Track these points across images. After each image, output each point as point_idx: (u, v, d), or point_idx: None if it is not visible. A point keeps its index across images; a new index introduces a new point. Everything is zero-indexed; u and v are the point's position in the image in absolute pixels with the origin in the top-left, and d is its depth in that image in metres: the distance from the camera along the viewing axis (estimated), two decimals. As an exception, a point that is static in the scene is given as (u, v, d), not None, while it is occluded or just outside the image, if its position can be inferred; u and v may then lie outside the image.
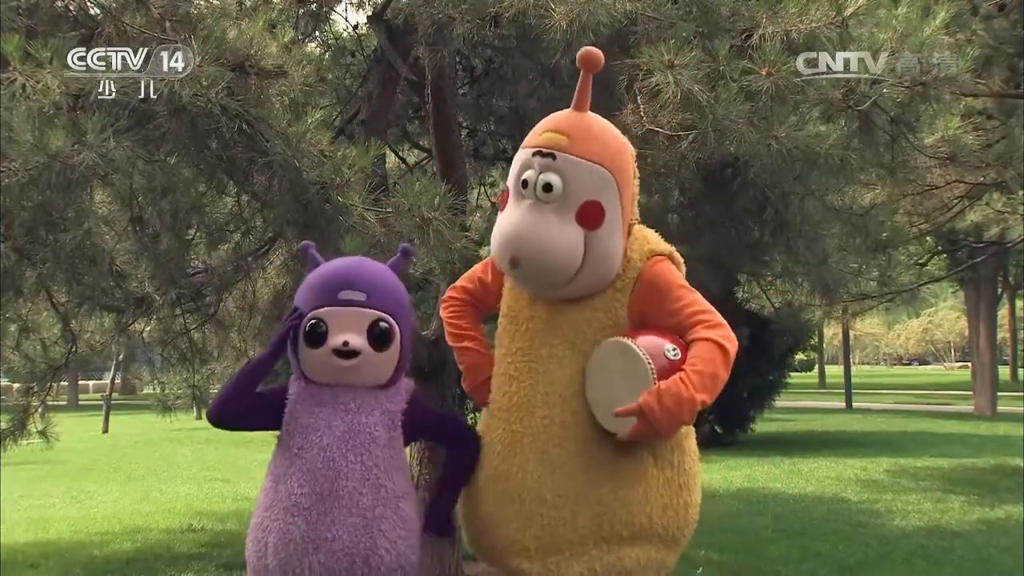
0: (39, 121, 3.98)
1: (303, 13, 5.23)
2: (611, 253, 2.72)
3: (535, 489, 2.74)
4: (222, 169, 4.96)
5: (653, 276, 2.75)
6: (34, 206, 4.84)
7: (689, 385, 2.53)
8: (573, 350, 2.77)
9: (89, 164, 4.06)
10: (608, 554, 2.71)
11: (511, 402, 2.85)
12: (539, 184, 2.70)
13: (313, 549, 2.71)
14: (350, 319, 2.76)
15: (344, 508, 2.71)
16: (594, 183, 2.70)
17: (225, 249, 6.54)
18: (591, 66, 2.76)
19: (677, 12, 4.38)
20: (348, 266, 2.92)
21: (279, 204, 4.87)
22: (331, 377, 2.80)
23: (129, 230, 6.00)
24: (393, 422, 2.83)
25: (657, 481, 2.74)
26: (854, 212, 6.33)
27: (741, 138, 4.33)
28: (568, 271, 2.68)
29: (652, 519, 2.72)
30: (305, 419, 2.82)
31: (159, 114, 4.20)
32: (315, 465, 2.75)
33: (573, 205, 2.67)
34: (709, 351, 2.60)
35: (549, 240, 2.66)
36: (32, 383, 6.56)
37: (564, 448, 2.73)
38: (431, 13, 4.58)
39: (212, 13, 4.38)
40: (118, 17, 4.27)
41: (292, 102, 4.53)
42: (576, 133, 2.74)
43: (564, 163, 2.69)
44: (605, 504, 2.70)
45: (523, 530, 2.75)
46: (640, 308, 2.75)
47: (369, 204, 4.50)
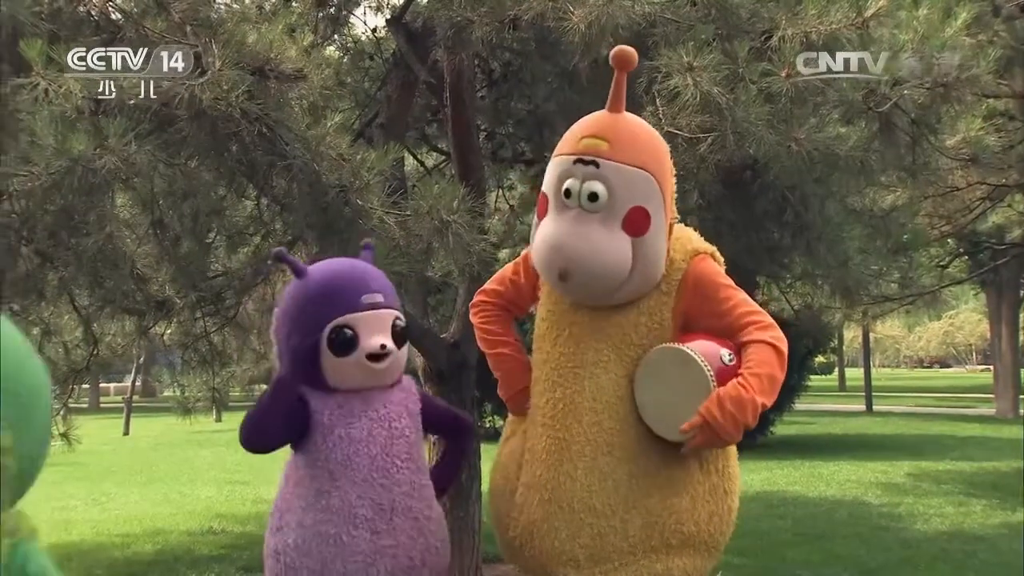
0: (61, 125, 4.01)
1: (322, 17, 5.26)
2: (657, 257, 2.68)
3: (584, 498, 2.70)
4: (242, 173, 4.98)
5: (698, 276, 2.72)
6: (56, 210, 4.87)
7: (749, 388, 2.50)
8: (619, 355, 2.73)
9: (111, 168, 4.09)
10: (657, 563, 2.68)
11: (556, 409, 2.79)
12: (584, 194, 2.62)
13: (380, 557, 2.73)
14: (377, 322, 2.76)
15: (401, 515, 2.74)
16: (639, 188, 2.64)
17: (245, 252, 6.57)
18: (625, 64, 2.71)
19: (696, 14, 4.37)
20: (354, 269, 2.91)
21: (298, 207, 4.89)
22: (361, 382, 2.78)
23: (150, 234, 6.03)
24: (416, 422, 2.86)
25: (704, 487, 2.72)
26: (875, 214, 6.31)
27: (761, 140, 4.31)
28: (617, 281, 2.64)
29: (699, 526, 2.70)
30: (343, 430, 2.79)
31: (180, 118, 4.22)
32: (370, 476, 2.75)
33: (619, 213, 2.61)
34: (765, 353, 2.57)
35: (598, 252, 2.61)
36: (54, 386, 6.60)
37: (612, 456, 2.70)
38: (450, 16, 4.58)
39: (232, 17, 4.41)
40: (139, 22, 4.29)
41: (311, 105, 4.54)
42: (617, 137, 2.67)
43: (608, 170, 2.62)
44: (655, 513, 2.67)
45: (572, 539, 2.71)
46: (686, 309, 2.72)
47: (388, 207, 4.51)
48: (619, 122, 2.73)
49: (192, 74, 4.13)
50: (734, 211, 5.67)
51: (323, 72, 4.55)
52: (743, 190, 4.99)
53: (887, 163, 5.17)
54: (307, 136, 4.40)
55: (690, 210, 5.89)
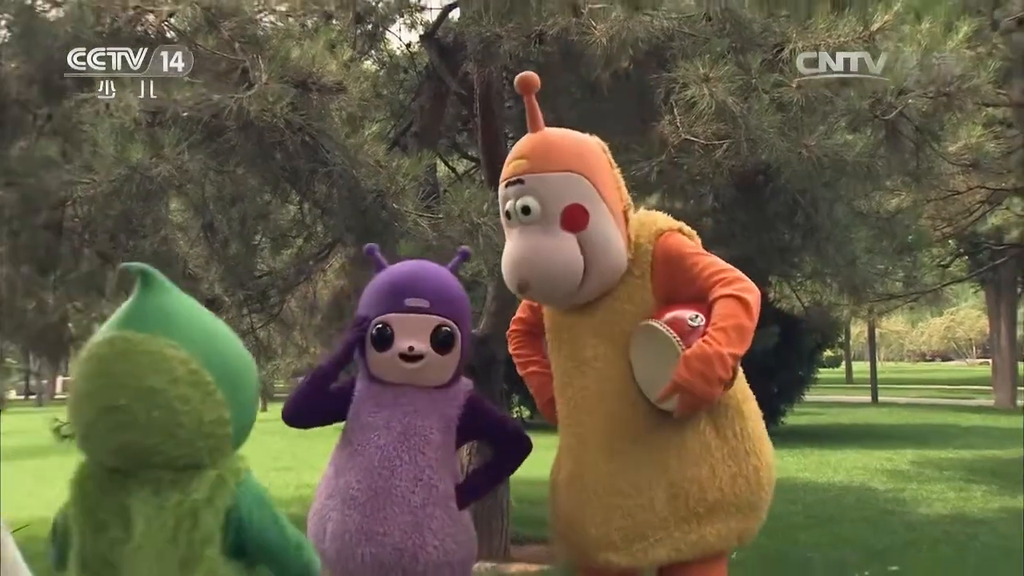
0: (121, 136, 4.06)
1: (361, 33, 5.28)
2: (610, 245, 2.66)
3: (609, 483, 2.69)
4: (286, 179, 5.01)
5: (665, 251, 2.69)
6: (116, 214, 4.92)
7: (712, 342, 2.46)
8: (614, 345, 2.72)
9: (166, 175, 4.13)
10: (690, 534, 2.65)
11: (570, 407, 2.81)
12: (518, 209, 2.67)
13: (366, 541, 2.70)
14: (415, 325, 2.74)
15: (396, 505, 2.69)
16: (566, 189, 2.64)
17: (288, 253, 6.61)
18: (528, 88, 2.74)
19: (711, 28, 4.36)
20: (413, 272, 2.87)
21: (338, 211, 4.91)
22: (397, 378, 2.79)
23: (201, 236, 6.08)
24: (448, 426, 2.78)
25: (722, 452, 2.67)
26: (881, 216, 6.27)
27: (773, 147, 4.30)
28: (573, 276, 2.64)
29: (724, 491, 2.65)
30: (366, 417, 2.81)
31: (229, 128, 4.25)
32: (372, 462, 2.74)
33: (554, 216, 2.63)
34: (728, 306, 2.52)
35: (544, 255, 2.64)
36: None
37: (628, 438, 2.68)
38: (479, 32, 4.59)
39: (277, 34, 4.43)
40: (192, 39, 4.33)
41: (350, 116, 4.57)
42: (535, 153, 2.70)
43: (532, 183, 2.65)
44: (677, 485, 2.64)
45: (606, 524, 2.69)
46: (663, 285, 2.69)
47: (422, 210, 4.53)
48: (537, 139, 2.74)
49: (240, 87, 4.16)
50: (747, 213, 5.64)
51: (361, 85, 4.57)
52: (756, 194, 4.97)
53: (892, 168, 5.14)
54: (346, 144, 4.43)
55: (705, 212, 5.88)
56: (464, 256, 3.01)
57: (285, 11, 4.62)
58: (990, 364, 30.26)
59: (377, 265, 2.96)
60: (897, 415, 21.58)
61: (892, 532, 7.63)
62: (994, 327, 26.61)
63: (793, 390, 16.88)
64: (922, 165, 5.22)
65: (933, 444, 14.65)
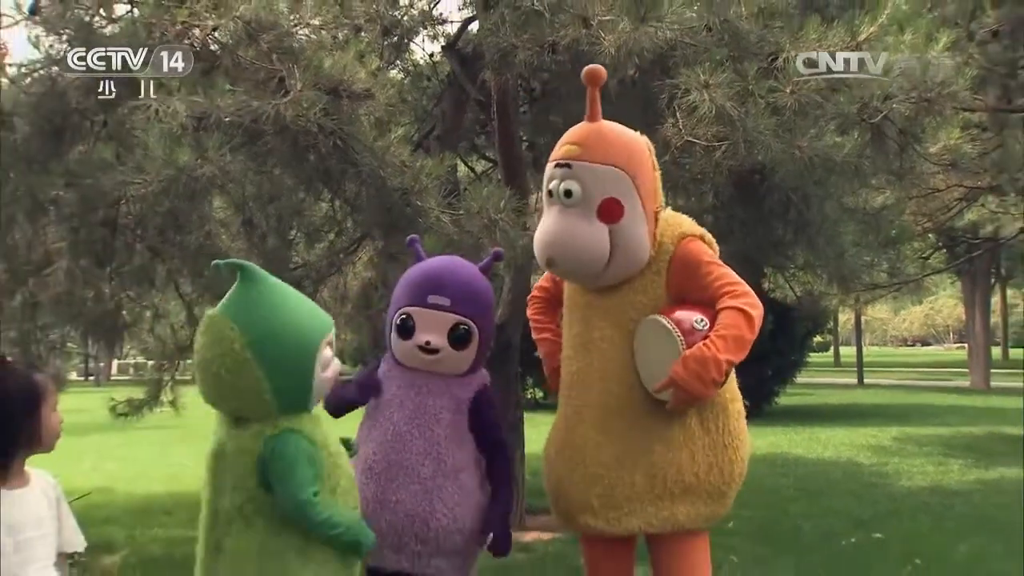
0: (169, 140, 4.06)
1: (387, 44, 5.26)
2: (637, 240, 2.65)
3: (595, 455, 2.70)
4: (319, 179, 5.00)
5: (684, 255, 2.67)
6: (164, 212, 4.92)
7: (711, 347, 2.47)
8: (621, 330, 2.71)
9: (209, 176, 4.13)
10: (662, 510, 2.66)
11: (572, 380, 2.82)
12: (560, 191, 2.66)
13: (381, 509, 2.71)
14: (435, 321, 2.72)
15: (407, 476, 2.69)
16: (609, 182, 2.63)
17: (321, 247, 6.61)
18: (595, 80, 2.72)
19: (711, 39, 4.32)
20: (440, 270, 2.82)
21: (367, 208, 4.90)
22: (418, 365, 2.78)
23: (241, 231, 6.09)
24: (459, 407, 2.75)
25: (703, 443, 2.68)
26: (867, 212, 6.22)
27: (768, 148, 4.27)
28: (598, 262, 2.64)
29: (699, 477, 2.66)
30: (386, 395, 2.82)
31: (267, 132, 4.25)
32: (386, 437, 2.75)
33: (593, 205, 2.62)
34: (732, 317, 2.53)
35: (576, 239, 2.63)
36: (163, 360, 6.69)
37: (620, 417, 2.69)
38: (497, 42, 4.57)
39: (311, 46, 4.41)
40: (234, 51, 4.32)
41: (378, 120, 4.55)
42: (587, 142, 2.68)
43: (579, 170, 2.64)
44: (657, 465, 2.65)
45: (588, 491, 2.72)
46: (677, 286, 2.68)
47: (444, 207, 4.51)
48: (593, 129, 2.72)
49: (277, 95, 4.15)
50: (744, 210, 5.61)
51: (388, 92, 4.55)
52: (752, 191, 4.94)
53: (878, 168, 5.10)
54: (374, 147, 4.41)
55: (706, 209, 5.83)
56: (497, 257, 2.92)
57: (319, 24, 4.60)
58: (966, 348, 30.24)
59: (416, 256, 2.93)
60: (881, 395, 21.51)
61: (876, 503, 7.61)
62: (969, 315, 26.57)
63: (786, 373, 16.83)
64: (905, 165, 5.18)
65: (914, 422, 14.63)
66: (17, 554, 2.08)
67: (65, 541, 2.25)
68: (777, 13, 4.47)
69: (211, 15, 4.34)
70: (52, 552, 2.20)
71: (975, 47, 8.73)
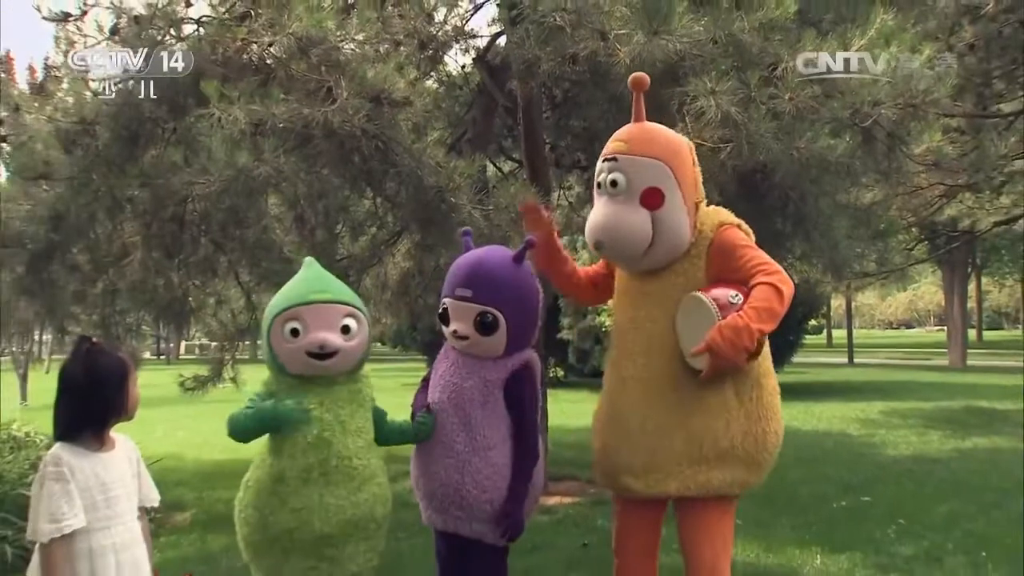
0: (230, 144, 4.07)
1: (424, 57, 5.22)
2: (677, 227, 2.64)
3: (640, 422, 2.69)
4: (362, 178, 5.01)
5: (721, 241, 2.66)
6: (226, 209, 4.95)
7: (744, 317, 2.45)
8: (664, 311, 2.69)
9: (266, 176, 4.14)
10: (699, 474, 2.63)
11: (620, 353, 2.81)
12: (607, 182, 2.68)
13: (425, 478, 2.75)
14: (462, 311, 2.70)
15: (443, 450, 2.70)
16: (651, 173, 2.63)
17: (364, 240, 6.61)
18: (640, 86, 2.75)
19: (717, 50, 4.26)
20: (467, 264, 2.77)
21: (405, 204, 4.90)
22: (458, 348, 2.78)
23: (293, 226, 6.11)
24: (489, 388, 2.70)
25: (739, 413, 2.64)
26: (858, 208, 6.13)
27: (768, 149, 4.23)
28: (641, 245, 2.63)
29: (734, 443, 2.63)
30: (435, 375, 2.84)
31: (316, 137, 4.25)
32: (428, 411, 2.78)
33: (636, 193, 2.63)
34: (764, 291, 2.50)
35: (621, 223, 2.64)
36: (225, 342, 6.73)
37: (662, 388, 2.67)
38: (522, 55, 4.54)
39: (356, 58, 4.40)
40: (287, 64, 4.32)
41: (415, 125, 4.54)
42: (632, 139, 2.70)
43: (624, 163, 2.65)
44: (695, 433, 2.62)
45: (631, 455, 2.70)
46: (715, 269, 2.66)
47: (475, 203, 4.50)
48: (639, 128, 2.74)
49: (325, 103, 4.15)
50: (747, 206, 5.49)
51: (424, 100, 4.54)
52: (754, 189, 4.86)
53: (868, 167, 5.02)
54: (412, 149, 4.41)
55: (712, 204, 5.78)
56: (530, 245, 2.79)
57: (362, 40, 4.58)
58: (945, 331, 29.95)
59: (464, 247, 2.89)
60: (869, 374, 21.36)
61: (864, 469, 7.56)
62: (948, 300, 26.57)
63: (783, 353, 16.73)
64: (892, 165, 5.11)
65: (898, 397, 14.52)
66: (108, 508, 2.17)
67: (144, 497, 2.34)
68: (777, 27, 4.39)
69: (267, 32, 4.35)
70: (134, 507, 2.28)
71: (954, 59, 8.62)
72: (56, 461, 2.10)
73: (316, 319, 2.54)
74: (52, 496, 2.06)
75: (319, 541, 2.51)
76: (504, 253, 2.80)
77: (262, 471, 2.57)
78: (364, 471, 2.58)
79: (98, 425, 2.20)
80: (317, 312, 2.55)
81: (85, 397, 2.17)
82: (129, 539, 2.21)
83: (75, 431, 2.17)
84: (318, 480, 2.50)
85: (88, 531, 2.11)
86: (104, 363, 2.20)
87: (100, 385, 2.18)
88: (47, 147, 4.78)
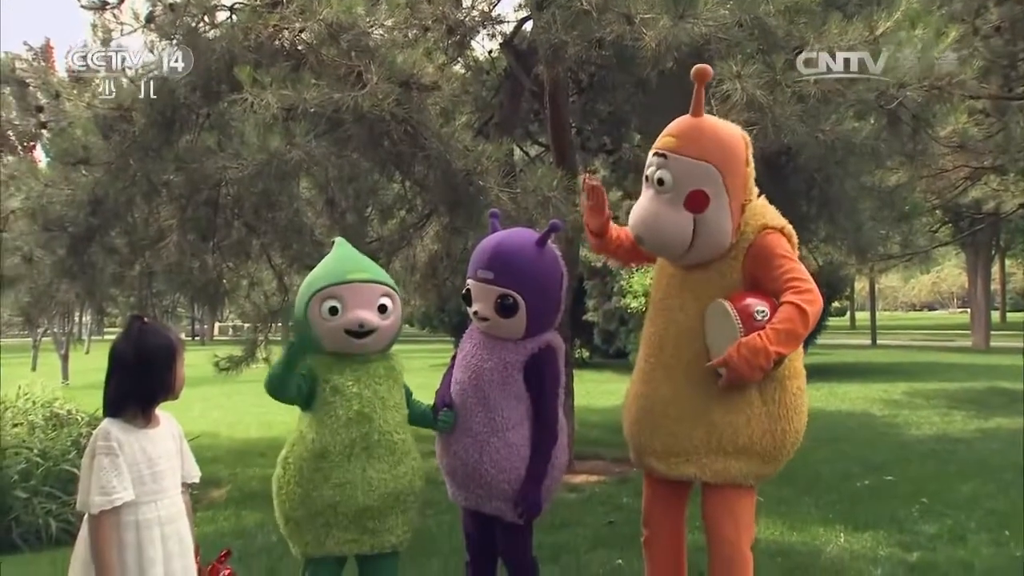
0: (262, 129, 4.09)
1: (451, 42, 5.21)
2: (719, 230, 2.60)
3: (663, 407, 2.70)
4: (391, 162, 5.03)
5: (761, 246, 2.60)
6: (258, 192, 4.99)
7: (764, 339, 2.44)
8: (697, 304, 2.68)
9: (297, 160, 4.17)
10: (716, 463, 2.65)
11: (652, 340, 2.81)
12: (655, 179, 2.64)
13: (446, 455, 2.79)
14: (482, 292, 2.71)
15: (462, 429, 2.73)
16: (699, 176, 2.57)
17: (393, 223, 6.64)
18: (702, 78, 2.64)
19: (742, 34, 4.22)
20: (489, 246, 2.76)
21: (434, 188, 4.91)
22: (480, 329, 2.80)
23: (324, 209, 6.15)
24: (508, 369, 2.70)
25: (760, 411, 2.64)
26: (882, 190, 6.07)
27: (793, 132, 4.19)
28: (680, 246, 2.62)
29: (752, 440, 2.63)
30: (459, 354, 2.86)
31: (347, 121, 4.27)
32: (452, 391, 2.80)
33: (682, 194, 2.58)
34: (789, 312, 2.48)
35: (661, 223, 2.62)
36: (258, 323, 6.80)
37: (687, 377, 2.67)
38: (549, 39, 4.52)
39: (385, 44, 4.41)
40: (318, 50, 4.34)
41: (444, 110, 4.55)
42: (685, 136, 2.62)
43: (673, 162, 2.60)
44: (715, 425, 2.63)
45: (654, 437, 2.73)
46: (751, 273, 2.63)
47: (502, 187, 4.50)
48: (693, 124, 2.64)
49: (355, 88, 4.16)
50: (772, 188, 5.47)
51: (452, 84, 4.54)
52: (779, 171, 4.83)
53: (892, 150, 4.98)
54: (441, 133, 4.41)
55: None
56: (554, 228, 2.76)
57: (391, 26, 4.58)
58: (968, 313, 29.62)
59: (491, 228, 2.89)
60: (892, 355, 21.19)
61: (887, 449, 7.51)
62: (972, 282, 26.23)
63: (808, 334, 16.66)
64: (917, 147, 5.07)
65: (921, 378, 14.40)
66: (154, 483, 2.21)
67: (187, 473, 2.38)
68: (802, 10, 4.34)
69: (298, 19, 4.36)
70: (178, 482, 2.33)
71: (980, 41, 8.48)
72: (106, 436, 2.14)
73: (355, 298, 2.57)
74: (102, 469, 2.11)
75: (361, 514, 2.55)
76: (527, 236, 2.78)
77: (302, 447, 2.61)
78: (403, 445, 2.64)
79: (146, 402, 2.24)
80: (355, 291, 2.58)
81: (134, 375, 2.20)
82: (174, 512, 2.26)
83: (123, 407, 2.21)
84: (360, 455, 2.55)
85: (135, 504, 2.15)
86: (154, 342, 2.24)
87: (149, 363, 2.21)
88: (86, 133, 4.84)
